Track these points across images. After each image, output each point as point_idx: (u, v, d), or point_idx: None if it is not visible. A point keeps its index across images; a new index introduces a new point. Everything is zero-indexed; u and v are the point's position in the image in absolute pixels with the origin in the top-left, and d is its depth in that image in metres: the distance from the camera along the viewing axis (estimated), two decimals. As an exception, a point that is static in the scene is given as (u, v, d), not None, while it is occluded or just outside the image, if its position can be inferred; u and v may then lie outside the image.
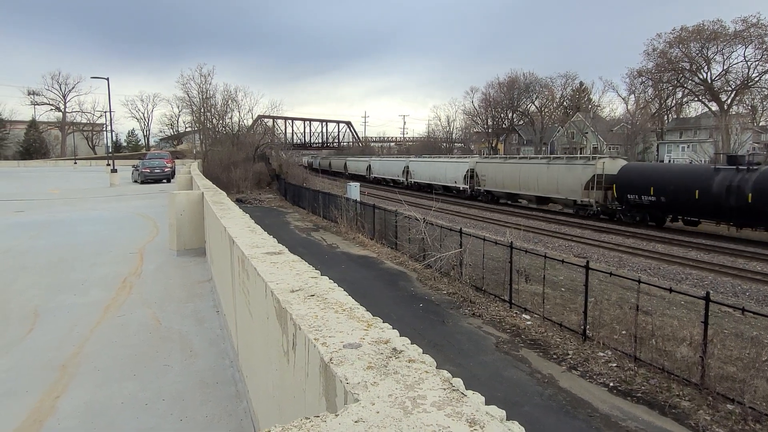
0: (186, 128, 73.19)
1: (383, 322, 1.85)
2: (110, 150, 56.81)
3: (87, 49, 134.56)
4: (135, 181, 32.48)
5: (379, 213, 17.82)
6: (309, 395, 1.71)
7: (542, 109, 74.21)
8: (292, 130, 76.05)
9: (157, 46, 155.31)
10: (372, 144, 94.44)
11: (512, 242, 10.88)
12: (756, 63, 50.38)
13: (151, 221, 14.61)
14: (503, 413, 1.12)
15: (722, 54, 52.28)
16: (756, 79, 51.03)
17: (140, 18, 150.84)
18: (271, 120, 57.25)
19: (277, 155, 44.38)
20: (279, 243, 3.77)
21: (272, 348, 2.44)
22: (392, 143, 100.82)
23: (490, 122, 78.47)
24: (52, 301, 6.91)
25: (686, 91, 58.82)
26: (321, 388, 1.54)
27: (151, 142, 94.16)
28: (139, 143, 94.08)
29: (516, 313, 9.87)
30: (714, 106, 54.96)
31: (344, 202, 21.07)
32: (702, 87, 55.52)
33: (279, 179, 39.07)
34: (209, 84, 46.17)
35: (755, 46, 49.82)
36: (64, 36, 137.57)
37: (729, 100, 53.49)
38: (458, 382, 1.28)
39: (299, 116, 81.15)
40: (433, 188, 39.09)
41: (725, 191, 18.83)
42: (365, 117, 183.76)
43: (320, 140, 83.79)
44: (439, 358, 7.69)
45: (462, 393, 1.22)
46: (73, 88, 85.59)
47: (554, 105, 75.49)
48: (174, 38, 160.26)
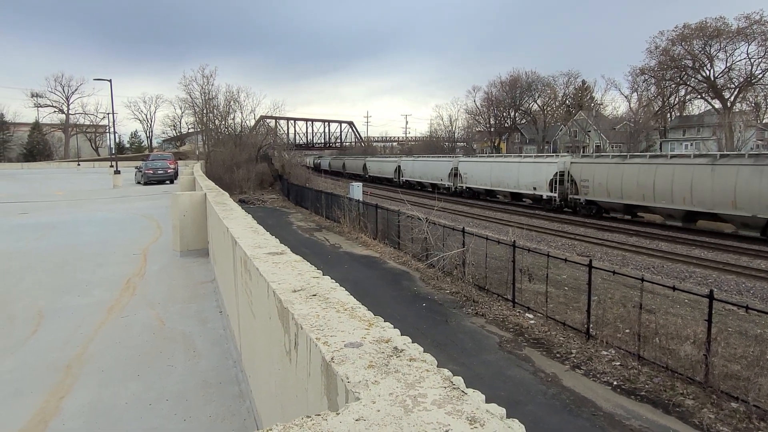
0: (189, 129, 73.36)
1: (385, 322, 1.85)
2: (113, 152, 57.03)
3: (89, 51, 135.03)
4: (138, 183, 32.47)
5: (382, 213, 17.80)
6: (311, 394, 1.72)
7: (545, 108, 73.98)
8: (295, 131, 76.19)
9: (160, 48, 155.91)
10: (374, 144, 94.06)
11: (515, 241, 10.86)
12: (759, 60, 50.12)
13: (155, 222, 14.66)
14: (503, 411, 1.12)
15: (725, 51, 52.05)
16: (759, 77, 50.75)
17: (142, 19, 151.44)
18: (274, 120, 57.28)
19: (280, 156, 44.37)
20: (282, 243, 3.78)
21: (275, 348, 2.45)
22: (394, 143, 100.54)
23: (493, 121, 78.25)
24: (57, 302, 6.95)
25: (689, 89, 58.54)
26: (323, 387, 1.54)
27: (154, 144, 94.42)
28: (142, 144, 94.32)
29: (519, 312, 9.86)
30: (717, 104, 54.69)
31: (347, 202, 21.07)
32: (705, 84, 55.28)
33: (282, 180, 39.06)
34: (211, 85, 46.32)
35: (758, 43, 49.58)
36: (66, 36, 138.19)
37: (732, 98, 53.21)
38: (459, 381, 1.29)
39: (302, 116, 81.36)
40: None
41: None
42: (367, 117, 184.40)
43: (323, 140, 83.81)
44: (443, 358, 7.74)
45: (462, 391, 1.22)
46: (76, 90, 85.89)
47: (557, 104, 75.26)
48: (176, 39, 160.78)
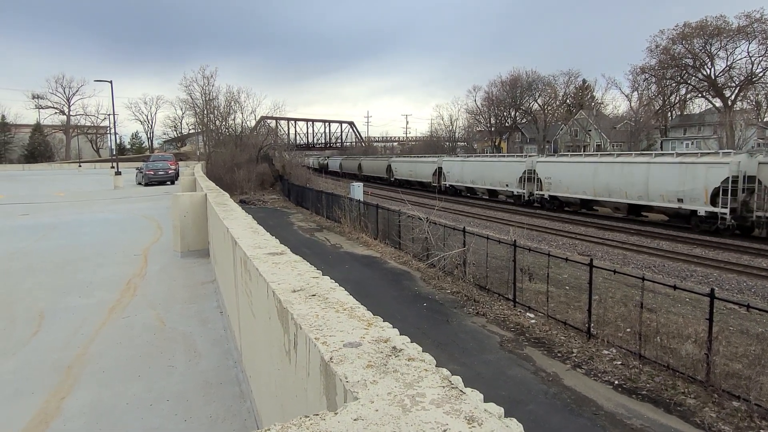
0: (189, 130, 73.32)
1: (384, 321, 1.85)
2: (114, 153, 57.11)
3: (90, 52, 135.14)
4: (139, 184, 32.48)
5: (383, 213, 17.79)
6: (310, 394, 1.72)
7: (545, 107, 73.82)
8: (295, 131, 76.12)
9: (160, 49, 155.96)
10: (375, 144, 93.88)
11: (516, 241, 10.85)
12: (760, 58, 50.01)
13: (155, 223, 14.67)
14: (501, 410, 1.12)
15: (726, 50, 51.93)
16: (760, 75, 50.66)
17: (143, 20, 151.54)
18: (274, 121, 57.30)
19: (281, 156, 44.37)
20: (282, 243, 3.78)
21: (274, 347, 2.45)
22: (395, 143, 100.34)
23: (493, 121, 78.10)
24: (58, 303, 6.96)
25: (690, 88, 58.44)
26: (322, 387, 1.55)
27: (155, 144, 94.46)
28: (143, 145, 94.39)
29: (520, 312, 9.85)
30: (718, 103, 54.58)
31: (347, 203, 21.07)
32: (706, 83, 55.18)
33: (282, 180, 39.06)
34: (212, 86, 46.24)
35: (759, 42, 49.45)
36: (67, 38, 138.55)
37: (733, 96, 53.11)
38: (457, 380, 1.29)
39: (302, 117, 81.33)
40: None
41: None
42: (368, 117, 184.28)
43: (323, 141, 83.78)
44: (444, 357, 7.74)
45: (461, 391, 1.22)
46: (77, 92, 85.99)
47: (557, 103, 75.11)
48: (177, 40, 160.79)
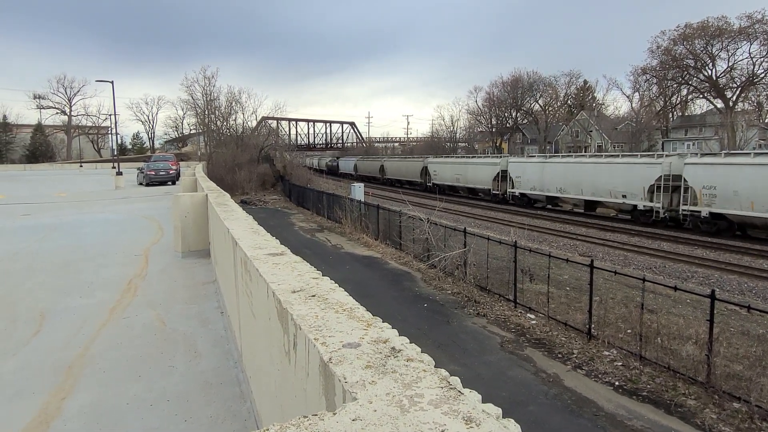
0: (190, 130, 73.46)
1: (383, 322, 1.85)
2: (115, 153, 57.20)
3: (91, 52, 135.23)
4: (140, 184, 32.47)
5: (384, 213, 17.79)
6: (310, 394, 1.73)
7: (546, 108, 73.80)
8: (296, 132, 76.11)
9: (160, 49, 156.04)
10: (376, 144, 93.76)
11: (516, 242, 10.85)
12: (761, 59, 49.86)
13: (156, 223, 14.69)
14: (499, 411, 1.12)
15: (727, 51, 51.81)
16: (761, 76, 50.50)
17: (144, 20, 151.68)
18: (275, 121, 57.37)
19: (282, 156, 44.41)
20: (283, 244, 3.78)
21: (274, 348, 2.46)
22: (396, 143, 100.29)
23: (494, 121, 78.05)
24: (59, 303, 6.97)
25: (691, 89, 58.32)
26: (321, 388, 1.55)
27: (156, 145, 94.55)
28: (144, 146, 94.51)
29: (521, 313, 9.85)
30: (719, 103, 54.50)
31: (348, 203, 21.08)
32: (707, 84, 55.09)
33: (283, 180, 39.10)
34: (213, 86, 46.33)
35: (760, 43, 49.33)
36: (68, 38, 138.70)
37: (734, 97, 53.01)
38: (456, 381, 1.29)
39: (303, 117, 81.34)
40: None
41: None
42: (369, 117, 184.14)
43: (324, 141, 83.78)
44: (444, 358, 7.74)
45: (459, 391, 1.22)
46: (79, 92, 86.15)
47: (558, 104, 75.10)
48: (177, 40, 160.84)
